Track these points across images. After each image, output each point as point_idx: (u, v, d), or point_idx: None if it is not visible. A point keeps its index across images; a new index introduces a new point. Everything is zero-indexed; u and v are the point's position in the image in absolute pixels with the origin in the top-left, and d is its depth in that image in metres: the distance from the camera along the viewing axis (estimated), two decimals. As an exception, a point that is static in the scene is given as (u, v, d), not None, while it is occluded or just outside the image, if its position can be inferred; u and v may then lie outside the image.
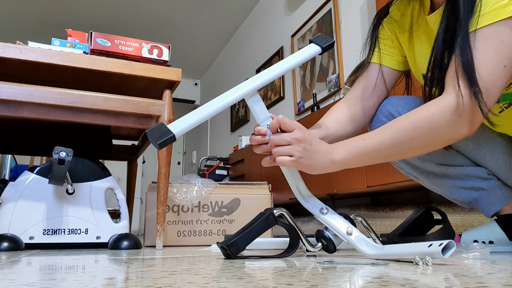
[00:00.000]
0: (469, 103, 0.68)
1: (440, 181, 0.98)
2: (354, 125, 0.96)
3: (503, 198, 0.94)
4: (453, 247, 0.65)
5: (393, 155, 0.78)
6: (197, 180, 1.68)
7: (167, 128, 0.75)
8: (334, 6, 2.99)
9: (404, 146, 0.74)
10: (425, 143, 0.73)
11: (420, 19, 0.90)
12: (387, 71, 0.97)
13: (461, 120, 0.69)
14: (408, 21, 0.94)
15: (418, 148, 0.75)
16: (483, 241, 0.95)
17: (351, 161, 0.78)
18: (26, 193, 1.32)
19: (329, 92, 2.93)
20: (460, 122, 0.70)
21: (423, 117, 0.72)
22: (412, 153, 0.78)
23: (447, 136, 0.72)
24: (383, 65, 0.97)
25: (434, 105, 0.71)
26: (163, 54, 1.42)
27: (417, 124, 0.72)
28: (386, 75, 0.97)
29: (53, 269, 0.68)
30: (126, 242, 1.34)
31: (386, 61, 0.97)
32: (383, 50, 0.98)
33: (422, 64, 0.90)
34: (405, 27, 0.94)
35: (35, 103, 1.22)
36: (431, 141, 0.73)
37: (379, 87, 0.97)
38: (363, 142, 0.77)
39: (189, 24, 4.96)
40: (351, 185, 2.06)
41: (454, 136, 0.72)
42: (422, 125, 0.71)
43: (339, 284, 0.47)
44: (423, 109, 0.72)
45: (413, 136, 0.72)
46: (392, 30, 0.97)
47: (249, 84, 0.83)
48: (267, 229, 0.87)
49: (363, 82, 0.99)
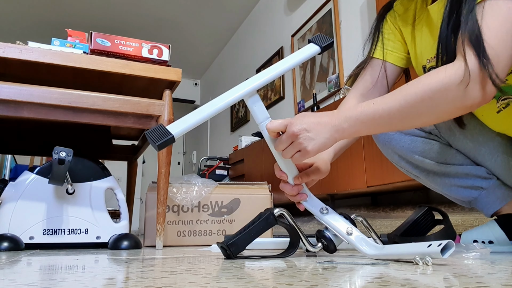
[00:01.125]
0: (477, 69, 0.66)
1: (440, 180, 0.98)
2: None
3: (502, 198, 0.94)
4: (452, 247, 0.65)
5: (404, 120, 0.74)
6: (197, 180, 1.68)
7: (166, 129, 0.75)
8: (334, 6, 2.99)
9: (414, 109, 0.71)
10: (436, 107, 0.70)
11: (422, 11, 0.90)
12: (389, 67, 0.97)
13: (471, 86, 0.66)
14: (411, 16, 0.94)
15: (429, 112, 0.71)
16: (483, 241, 0.95)
17: (360, 128, 0.76)
18: (26, 193, 1.32)
19: (329, 92, 2.93)
20: (470, 88, 0.66)
21: (434, 80, 0.69)
22: (422, 118, 0.73)
23: (459, 102, 0.68)
24: (386, 61, 0.97)
25: (443, 70, 0.69)
26: (163, 54, 1.42)
27: (427, 86, 0.69)
28: (389, 71, 0.97)
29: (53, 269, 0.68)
30: (126, 242, 1.34)
31: (389, 57, 0.97)
32: (386, 45, 0.98)
33: (423, 55, 0.90)
34: (408, 21, 0.94)
35: (35, 103, 1.22)
36: (443, 106, 0.70)
37: (381, 82, 0.97)
38: (373, 106, 0.74)
39: (189, 24, 4.96)
40: (351, 185, 2.06)
41: (466, 103, 0.68)
42: (433, 87, 0.69)
43: (339, 284, 0.47)
44: (433, 73, 0.70)
45: (423, 98, 0.69)
46: (395, 24, 0.97)
47: (248, 85, 0.83)
48: (267, 229, 0.87)
49: (365, 77, 0.99)
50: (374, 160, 1.89)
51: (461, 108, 0.70)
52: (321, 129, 0.76)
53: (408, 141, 0.99)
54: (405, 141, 0.99)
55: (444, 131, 0.96)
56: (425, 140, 0.98)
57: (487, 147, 0.93)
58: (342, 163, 2.13)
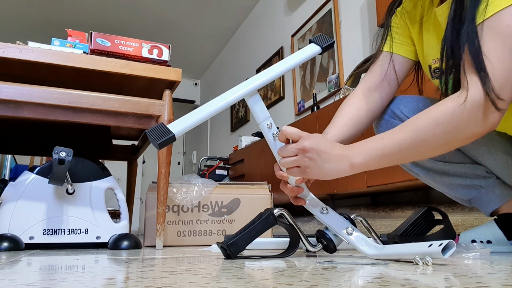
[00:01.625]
0: (482, 97, 0.66)
1: (439, 178, 0.98)
2: (369, 118, 0.97)
3: (501, 197, 0.94)
4: (453, 247, 0.65)
5: (415, 155, 0.75)
6: (197, 180, 1.68)
7: (167, 128, 0.75)
8: (334, 6, 2.99)
9: (426, 144, 0.71)
10: (447, 139, 0.70)
11: (429, 11, 0.90)
12: (398, 60, 0.97)
13: (478, 114, 0.66)
14: (419, 13, 0.94)
15: (441, 145, 0.71)
16: (481, 240, 0.95)
17: (371, 163, 0.75)
18: (26, 193, 1.32)
19: (329, 92, 2.93)
20: (479, 116, 0.66)
21: (444, 112, 0.69)
22: (434, 151, 0.73)
23: (470, 131, 0.69)
24: (394, 53, 0.97)
25: (451, 100, 0.69)
26: (163, 54, 1.42)
27: (438, 120, 0.69)
28: (397, 63, 0.96)
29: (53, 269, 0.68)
30: (126, 242, 1.34)
31: (397, 49, 0.97)
32: (395, 38, 0.97)
33: (429, 55, 0.90)
34: (416, 18, 0.94)
35: (35, 103, 1.22)
36: (454, 137, 0.69)
37: (390, 76, 0.96)
38: (383, 142, 0.74)
39: (189, 24, 4.96)
40: (351, 185, 2.06)
41: (477, 130, 0.68)
42: (443, 120, 0.68)
43: (339, 284, 0.47)
44: (442, 105, 0.70)
45: (435, 133, 0.69)
46: (404, 20, 0.97)
47: (249, 84, 0.83)
48: (267, 229, 0.87)
49: (374, 70, 0.98)
50: (374, 160, 1.89)
51: (471, 136, 0.70)
52: (331, 158, 0.75)
53: None
54: None
55: None
56: None
57: (486, 146, 0.93)
58: (342, 163, 2.13)
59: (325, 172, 0.76)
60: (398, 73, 0.97)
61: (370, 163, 0.75)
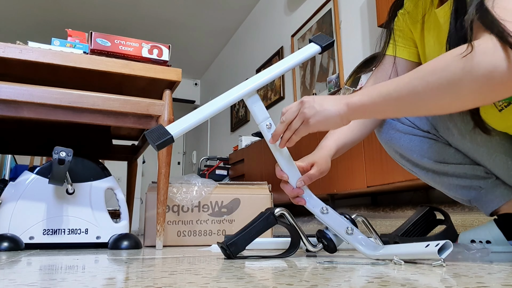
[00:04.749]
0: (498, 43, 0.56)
1: (439, 179, 0.98)
2: (372, 121, 0.97)
3: (501, 197, 0.94)
4: (450, 248, 0.65)
5: (415, 97, 0.65)
6: (197, 180, 1.68)
7: (165, 130, 0.76)
8: (334, 6, 2.99)
9: (427, 83, 0.62)
10: (454, 82, 0.59)
11: (430, 11, 0.90)
12: (401, 63, 0.96)
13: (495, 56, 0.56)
14: (420, 12, 0.94)
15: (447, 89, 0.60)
16: (480, 240, 0.95)
17: (367, 103, 0.71)
18: (26, 193, 1.32)
19: (329, 92, 2.93)
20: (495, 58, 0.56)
21: (450, 54, 0.61)
22: (439, 97, 0.62)
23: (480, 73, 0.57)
24: (398, 56, 0.96)
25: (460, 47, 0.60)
26: (163, 54, 1.42)
27: (442, 59, 0.62)
28: (401, 67, 0.96)
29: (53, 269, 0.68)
30: (126, 242, 1.34)
31: (400, 52, 0.96)
32: (397, 41, 0.97)
33: (431, 57, 0.90)
34: (417, 18, 0.94)
35: (35, 103, 1.22)
36: (457, 80, 0.59)
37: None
38: (385, 83, 0.71)
39: (189, 24, 4.96)
40: (351, 185, 2.06)
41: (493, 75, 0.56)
42: (448, 58, 0.61)
43: (339, 284, 0.47)
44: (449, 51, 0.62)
45: (434, 70, 0.62)
46: (405, 21, 0.97)
47: (248, 85, 0.83)
48: (267, 229, 0.87)
49: (377, 75, 0.98)
50: (374, 160, 1.89)
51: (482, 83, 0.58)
52: (328, 101, 0.76)
53: (406, 140, 0.99)
54: (404, 140, 0.99)
55: (443, 131, 0.96)
56: (423, 140, 0.98)
57: (486, 147, 0.93)
58: (342, 163, 2.13)
59: (324, 116, 0.75)
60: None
61: (367, 103, 0.71)
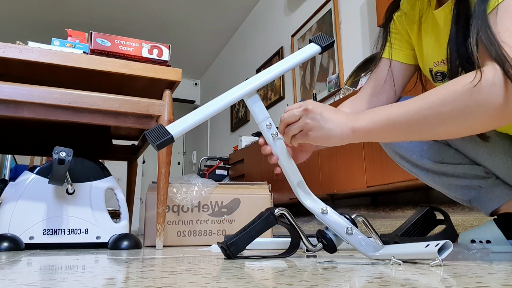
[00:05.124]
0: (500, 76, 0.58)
1: (439, 179, 0.98)
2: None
3: (501, 197, 0.94)
4: (450, 248, 0.65)
5: (423, 126, 0.65)
6: (197, 180, 1.68)
7: (165, 130, 0.76)
8: (334, 6, 2.99)
9: (436, 113, 0.63)
10: (462, 112, 0.60)
11: (428, 12, 0.90)
12: (397, 66, 0.96)
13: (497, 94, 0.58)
14: (417, 14, 0.93)
15: (455, 118, 0.62)
16: (480, 240, 0.95)
17: (373, 129, 0.70)
18: (26, 193, 1.32)
19: (329, 92, 2.93)
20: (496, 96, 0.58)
21: (460, 83, 0.61)
22: (447, 125, 0.63)
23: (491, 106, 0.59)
24: (393, 59, 0.96)
25: (470, 75, 0.61)
26: (163, 54, 1.42)
27: (452, 88, 0.62)
28: (396, 70, 0.96)
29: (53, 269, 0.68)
30: (126, 242, 1.34)
31: (396, 55, 0.96)
32: (393, 44, 0.97)
33: (429, 58, 0.90)
34: (414, 19, 0.94)
35: (35, 103, 1.22)
36: (471, 111, 0.60)
37: (389, 82, 0.96)
38: (390, 109, 0.69)
39: (189, 24, 4.96)
40: (351, 185, 2.06)
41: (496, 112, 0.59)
42: (458, 89, 0.61)
43: (339, 284, 0.47)
44: (458, 78, 0.63)
45: (446, 100, 0.62)
46: (402, 23, 0.97)
47: (248, 85, 0.83)
48: (267, 229, 0.87)
49: (373, 78, 0.98)
50: (374, 160, 1.89)
51: (493, 114, 0.60)
52: (334, 120, 0.74)
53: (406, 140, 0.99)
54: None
55: None
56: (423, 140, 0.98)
57: (486, 147, 0.93)
58: (342, 163, 2.13)
59: (327, 134, 0.74)
60: (399, 79, 0.96)
61: (373, 129, 0.71)
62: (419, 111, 0.65)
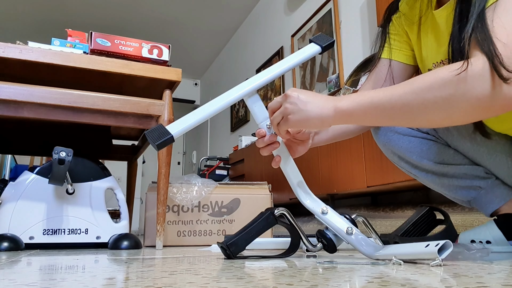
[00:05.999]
0: (487, 67, 0.59)
1: (439, 180, 0.98)
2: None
3: (501, 197, 0.93)
4: (450, 248, 0.65)
5: (406, 111, 0.65)
6: (197, 180, 1.68)
7: (165, 129, 0.76)
8: (334, 6, 2.99)
9: (419, 98, 0.63)
10: (445, 100, 0.61)
11: (427, 12, 0.90)
12: (396, 66, 0.96)
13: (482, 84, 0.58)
14: (416, 14, 0.93)
15: (437, 106, 0.62)
16: (480, 240, 0.95)
17: (356, 110, 0.69)
18: (26, 193, 1.32)
19: (329, 92, 2.93)
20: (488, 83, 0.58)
21: (446, 70, 0.61)
22: (429, 113, 0.63)
23: (474, 98, 0.59)
24: (393, 60, 0.96)
25: (458, 63, 0.61)
26: (163, 54, 1.42)
27: (437, 75, 0.62)
28: (396, 70, 0.96)
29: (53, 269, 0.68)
30: (126, 242, 1.34)
31: (395, 55, 0.97)
32: (392, 45, 0.97)
33: (429, 58, 0.90)
34: (414, 20, 0.94)
35: (35, 103, 1.22)
36: (454, 100, 0.60)
37: (389, 82, 0.96)
38: (376, 92, 0.69)
39: (189, 24, 4.96)
40: (351, 185, 2.06)
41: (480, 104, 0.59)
42: (444, 76, 0.61)
43: (339, 284, 0.47)
44: (445, 66, 0.63)
45: (431, 87, 0.62)
46: (400, 25, 0.97)
47: (248, 85, 0.83)
48: (267, 229, 0.87)
49: (372, 78, 0.98)
50: (374, 160, 1.89)
51: (475, 105, 0.60)
52: (314, 100, 0.73)
53: (406, 141, 0.98)
54: (403, 141, 0.99)
55: (442, 131, 0.96)
56: (423, 141, 0.98)
57: (486, 147, 0.93)
58: (342, 163, 2.13)
59: (305, 116, 0.72)
60: (399, 79, 0.96)
61: (355, 110, 0.70)
62: (403, 96, 0.65)
